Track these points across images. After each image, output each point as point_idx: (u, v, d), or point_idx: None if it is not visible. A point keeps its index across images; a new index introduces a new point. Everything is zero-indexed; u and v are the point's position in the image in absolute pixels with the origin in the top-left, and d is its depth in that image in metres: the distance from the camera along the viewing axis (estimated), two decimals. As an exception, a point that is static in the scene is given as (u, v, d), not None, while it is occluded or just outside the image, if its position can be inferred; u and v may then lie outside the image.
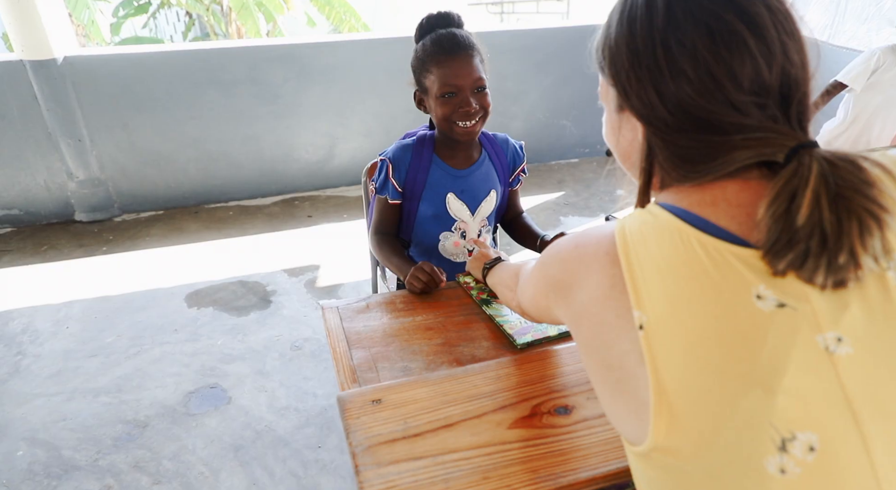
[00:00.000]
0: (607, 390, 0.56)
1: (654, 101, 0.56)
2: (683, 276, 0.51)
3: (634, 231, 0.55)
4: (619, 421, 0.56)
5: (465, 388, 0.83)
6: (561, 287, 0.62)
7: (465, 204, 1.44)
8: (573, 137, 4.22)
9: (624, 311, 0.53)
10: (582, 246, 0.59)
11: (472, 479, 0.68)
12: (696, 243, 0.51)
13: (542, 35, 3.88)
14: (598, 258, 0.56)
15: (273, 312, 2.47)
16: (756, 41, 0.52)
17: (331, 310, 1.17)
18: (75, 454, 1.77)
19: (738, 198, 0.53)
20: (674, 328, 0.50)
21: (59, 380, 2.09)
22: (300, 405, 1.95)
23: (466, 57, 1.25)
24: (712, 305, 0.50)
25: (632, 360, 0.52)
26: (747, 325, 0.48)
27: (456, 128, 1.29)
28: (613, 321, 0.53)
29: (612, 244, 0.55)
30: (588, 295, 0.56)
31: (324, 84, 3.49)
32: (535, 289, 0.71)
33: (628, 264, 0.53)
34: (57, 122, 3.10)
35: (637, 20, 0.56)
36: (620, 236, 0.55)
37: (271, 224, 3.32)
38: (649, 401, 0.50)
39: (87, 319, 2.44)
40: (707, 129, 0.54)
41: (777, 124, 0.53)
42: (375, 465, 0.70)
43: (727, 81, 0.52)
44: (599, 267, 0.56)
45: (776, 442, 0.46)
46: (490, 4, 16.28)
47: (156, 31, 11.19)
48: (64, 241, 3.14)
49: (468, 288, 1.24)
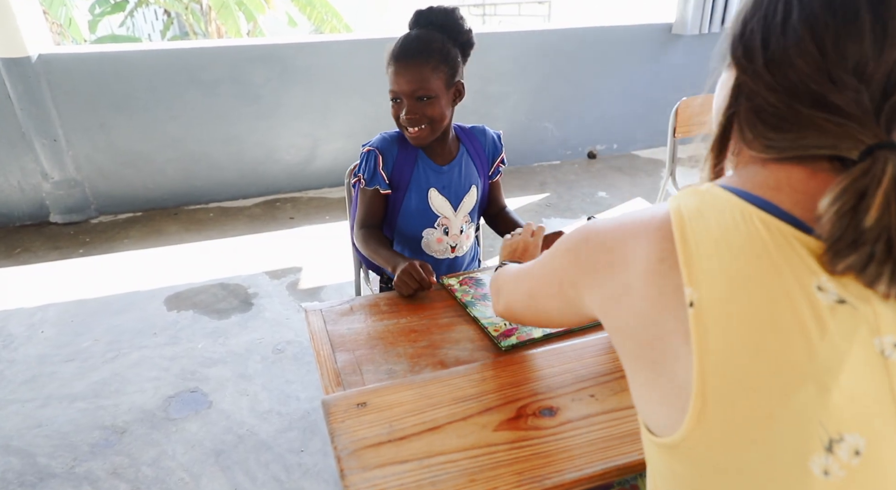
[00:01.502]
0: (642, 372, 0.53)
1: (756, 51, 0.53)
2: (744, 255, 0.48)
3: (691, 207, 0.52)
4: (649, 407, 0.53)
5: (451, 391, 0.83)
6: (598, 268, 0.58)
7: (448, 200, 1.44)
8: (555, 139, 4.25)
9: (672, 287, 0.50)
10: (626, 224, 0.56)
11: (459, 481, 0.68)
12: (758, 223, 0.49)
13: (523, 37, 3.90)
14: (648, 232, 0.53)
15: (254, 315, 2.44)
16: (873, 22, 0.48)
17: (314, 313, 1.16)
18: (51, 461, 1.73)
19: (804, 185, 0.51)
20: (728, 308, 0.47)
21: (34, 385, 2.04)
22: (282, 409, 1.93)
23: (414, 64, 1.24)
24: (772, 289, 0.47)
25: (676, 339, 0.49)
26: (807, 316, 0.46)
27: (405, 131, 1.32)
28: (658, 298, 0.51)
29: (664, 219, 0.53)
30: (633, 270, 0.53)
31: (306, 85, 3.47)
32: (546, 283, 0.69)
33: (683, 239, 0.50)
34: (31, 121, 3.03)
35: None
36: (675, 211, 0.52)
37: (252, 226, 3.29)
38: (690, 385, 0.48)
39: (63, 323, 2.39)
40: (795, 95, 0.51)
41: (865, 116, 0.49)
42: (361, 468, 0.69)
43: (832, 51, 0.49)
44: (648, 241, 0.53)
45: (824, 442, 0.45)
46: (472, 6, 16.33)
47: (133, 29, 11.02)
48: (38, 244, 3.07)
49: (452, 290, 1.24)
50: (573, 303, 0.64)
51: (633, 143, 4.49)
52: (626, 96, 4.29)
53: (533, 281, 0.74)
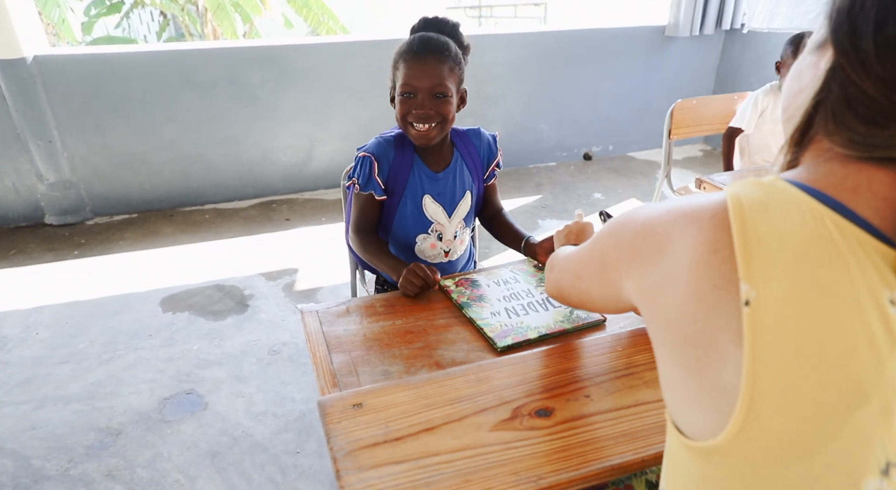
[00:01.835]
0: (681, 369, 0.50)
1: (867, 32, 0.46)
2: (811, 257, 0.44)
3: (753, 198, 0.48)
4: (684, 406, 0.50)
5: (446, 392, 0.83)
6: (641, 253, 0.55)
7: (442, 206, 1.43)
8: (550, 141, 4.26)
9: (725, 281, 0.46)
10: (675, 209, 0.53)
11: (454, 482, 0.68)
12: (831, 225, 0.45)
13: (519, 39, 3.91)
14: (701, 220, 0.49)
15: (250, 317, 2.44)
16: None
17: (310, 314, 1.16)
18: (45, 463, 1.72)
19: (886, 191, 0.46)
20: (789, 310, 0.44)
21: (29, 387, 2.03)
22: (278, 410, 1.93)
23: (433, 60, 1.25)
24: (841, 296, 0.43)
25: (724, 337, 0.46)
26: (878, 329, 0.42)
27: (411, 129, 1.30)
28: (709, 291, 0.47)
29: (720, 208, 0.49)
30: (681, 258, 0.50)
31: (302, 86, 3.47)
32: (590, 264, 0.67)
33: (742, 230, 0.46)
34: (26, 122, 3.02)
35: None
36: (734, 201, 0.48)
37: (248, 227, 3.29)
38: (737, 389, 0.45)
39: (58, 325, 2.38)
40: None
41: None
42: (357, 469, 0.69)
43: None
44: (699, 229, 0.49)
45: (881, 464, 0.42)
46: (468, 8, 16.36)
47: (129, 30, 11.00)
48: (33, 245, 3.06)
49: (449, 291, 1.24)
50: (615, 287, 0.62)
51: (628, 145, 4.51)
52: (622, 98, 4.31)
53: (580, 262, 0.73)
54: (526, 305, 1.18)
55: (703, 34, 4.18)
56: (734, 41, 4.30)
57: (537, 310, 1.16)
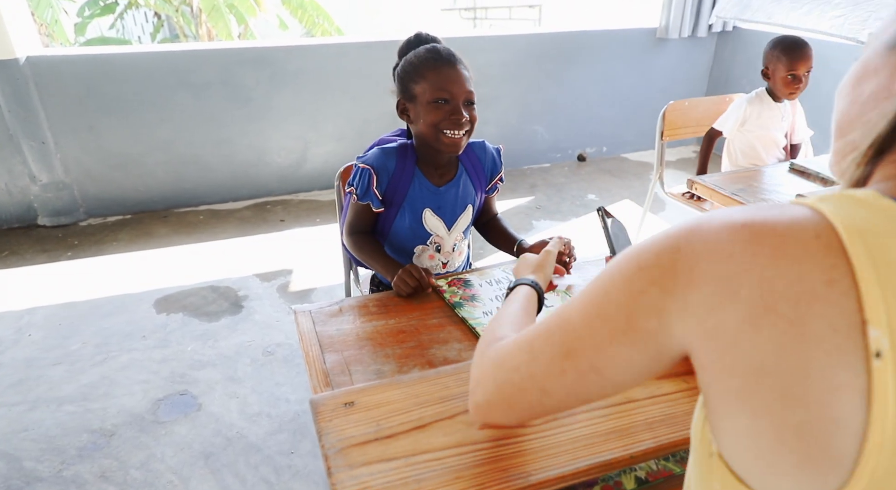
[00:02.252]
0: (775, 432, 0.39)
1: None
2: None
3: (861, 219, 0.39)
4: (773, 476, 0.40)
5: (438, 390, 0.84)
6: (701, 280, 0.42)
7: (442, 220, 1.43)
8: (545, 142, 4.28)
9: (846, 323, 0.36)
10: (760, 223, 0.41)
11: (444, 478, 0.69)
12: None
13: (514, 41, 3.92)
14: (804, 241, 0.39)
15: (245, 318, 2.44)
16: None
17: (303, 313, 1.16)
18: (38, 465, 1.72)
19: None
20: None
21: (21, 389, 2.03)
22: (272, 411, 1.93)
23: (461, 68, 1.28)
24: None
25: (843, 398, 0.36)
26: None
27: (443, 137, 1.27)
28: (826, 335, 0.37)
29: (824, 228, 0.39)
30: (779, 287, 0.38)
31: (296, 88, 3.47)
32: (597, 322, 0.49)
33: (870, 259, 0.37)
34: (19, 123, 3.01)
35: None
36: (840, 219, 0.39)
37: (243, 228, 3.28)
38: (853, 461, 0.36)
39: (51, 327, 2.38)
40: None
41: None
42: (348, 466, 0.70)
43: None
44: (805, 253, 0.38)
45: None
46: (463, 10, 16.39)
47: (123, 31, 10.97)
48: (26, 247, 3.05)
49: (441, 291, 1.25)
50: (653, 341, 0.46)
51: (622, 146, 4.53)
52: (615, 99, 4.33)
53: (571, 330, 0.51)
54: (518, 305, 1.19)
55: (696, 36, 4.21)
56: (727, 43, 4.33)
57: (529, 309, 1.17)
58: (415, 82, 1.28)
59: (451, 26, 15.76)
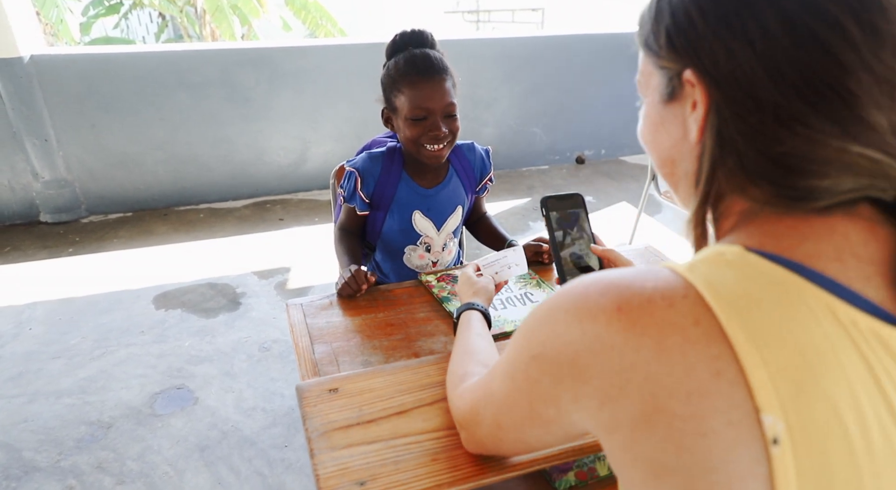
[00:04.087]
0: None
1: (753, 72, 0.38)
2: (833, 370, 0.35)
3: (736, 289, 0.38)
4: None
5: (420, 378, 0.87)
6: (588, 378, 0.41)
7: (432, 221, 1.45)
8: (543, 145, 4.31)
9: (741, 414, 0.35)
10: (637, 308, 0.39)
11: (422, 460, 0.72)
12: (845, 319, 0.36)
13: (514, 44, 3.96)
14: (684, 329, 0.37)
15: (242, 314, 2.47)
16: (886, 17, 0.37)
17: (294, 306, 1.19)
18: (36, 455, 1.75)
19: (867, 251, 0.39)
20: (832, 444, 0.35)
21: (21, 382, 2.06)
22: (267, 405, 1.96)
23: (440, 80, 1.23)
24: (877, 409, 0.35)
25: (748, 488, 0.35)
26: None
27: (423, 151, 1.27)
28: (722, 430, 0.35)
29: (699, 306, 0.37)
30: (666, 385, 0.37)
31: (296, 88, 3.51)
32: (508, 404, 0.52)
33: (750, 341, 0.36)
34: (22, 121, 3.05)
35: None
36: (714, 295, 0.37)
37: (242, 227, 3.32)
38: None
39: (51, 321, 2.41)
40: (829, 119, 0.37)
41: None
42: (330, 448, 0.73)
43: (871, 54, 0.37)
44: (687, 343, 0.37)
45: None
46: (466, 13, 16.45)
47: (127, 31, 11.04)
48: (28, 243, 3.08)
49: (430, 286, 1.28)
50: (556, 425, 0.48)
51: (620, 149, 4.56)
52: (614, 103, 4.36)
53: (495, 404, 0.56)
54: (504, 300, 1.22)
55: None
56: (725, 47, 4.36)
57: (515, 305, 1.20)
58: (394, 95, 1.26)
59: (454, 29, 15.81)
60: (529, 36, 4.08)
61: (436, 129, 1.24)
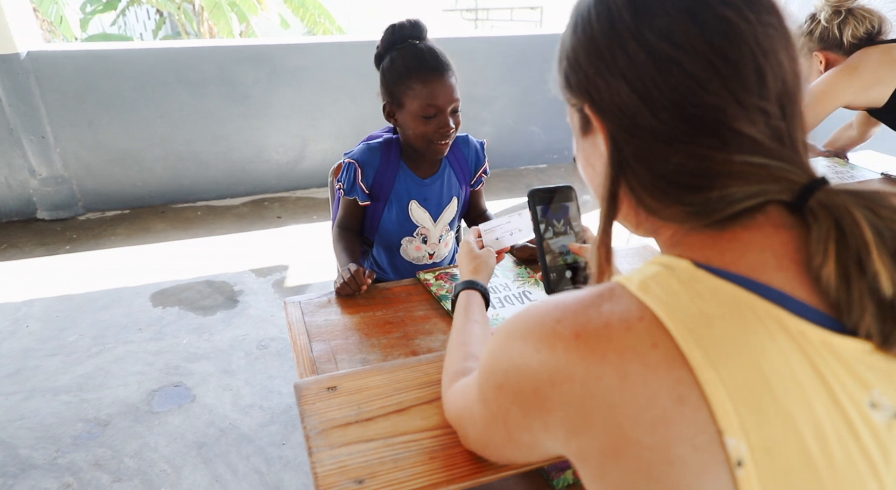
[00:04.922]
0: None
1: (630, 100, 0.42)
2: (784, 381, 0.36)
3: (688, 309, 0.38)
4: None
5: (418, 376, 0.87)
6: (549, 407, 0.42)
7: (428, 211, 1.45)
8: (542, 143, 4.31)
9: (706, 439, 0.35)
10: (594, 333, 0.39)
11: (420, 458, 0.72)
12: (796, 332, 0.37)
13: (513, 42, 3.96)
14: (643, 354, 0.37)
15: (240, 312, 2.47)
16: (749, 30, 0.40)
17: (293, 304, 1.20)
18: (33, 453, 1.75)
19: (800, 255, 0.40)
20: (794, 462, 0.35)
21: (17, 379, 2.06)
22: (265, 403, 1.96)
23: (447, 76, 1.24)
24: (833, 421, 0.36)
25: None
26: (871, 445, 0.36)
27: (433, 146, 1.29)
28: (689, 456, 0.36)
29: (656, 328, 0.38)
30: (630, 414, 0.37)
31: (294, 85, 3.50)
32: (488, 425, 0.53)
33: (708, 361, 0.36)
34: (19, 117, 3.04)
35: (595, 19, 0.45)
36: (670, 316, 0.38)
37: (240, 224, 3.31)
38: None
39: (48, 318, 2.40)
40: (705, 134, 0.40)
41: (783, 147, 0.41)
42: (328, 446, 0.73)
43: (728, 71, 0.39)
44: (648, 369, 0.37)
45: None
46: (465, 11, 16.43)
47: (125, 28, 11.01)
48: (25, 240, 3.08)
49: (428, 284, 1.28)
50: (535, 449, 0.48)
51: (618, 148, 4.56)
52: (612, 101, 4.35)
53: (477, 426, 0.57)
54: (502, 299, 1.22)
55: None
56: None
57: (513, 303, 1.20)
58: (401, 91, 1.25)
59: (453, 27, 15.80)
60: (528, 34, 4.08)
61: (446, 125, 1.26)
